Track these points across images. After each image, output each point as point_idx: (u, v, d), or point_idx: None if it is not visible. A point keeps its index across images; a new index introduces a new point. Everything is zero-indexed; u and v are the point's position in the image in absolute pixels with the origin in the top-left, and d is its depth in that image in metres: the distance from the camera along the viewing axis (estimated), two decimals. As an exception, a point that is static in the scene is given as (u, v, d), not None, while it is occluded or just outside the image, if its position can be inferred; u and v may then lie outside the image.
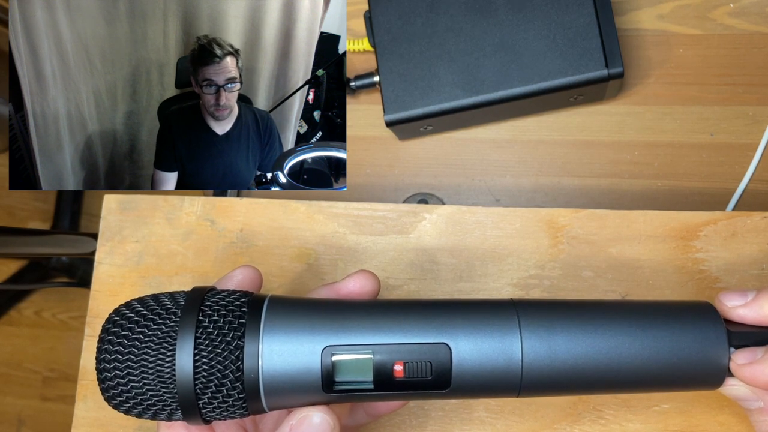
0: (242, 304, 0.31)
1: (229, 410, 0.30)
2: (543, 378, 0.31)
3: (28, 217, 1.35)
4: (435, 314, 0.32)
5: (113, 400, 0.30)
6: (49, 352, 1.30)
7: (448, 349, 0.31)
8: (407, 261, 0.45)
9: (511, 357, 0.31)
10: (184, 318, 0.30)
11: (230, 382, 0.30)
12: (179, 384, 0.29)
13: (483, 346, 0.31)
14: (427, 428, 0.43)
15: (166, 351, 0.29)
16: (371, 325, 0.31)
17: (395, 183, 0.55)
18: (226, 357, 0.30)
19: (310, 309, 0.32)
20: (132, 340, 0.30)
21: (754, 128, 0.52)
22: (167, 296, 0.32)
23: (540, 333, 0.31)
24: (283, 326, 0.31)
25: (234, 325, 0.30)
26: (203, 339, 0.30)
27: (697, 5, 0.53)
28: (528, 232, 0.45)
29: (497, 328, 0.31)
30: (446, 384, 0.31)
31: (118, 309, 0.31)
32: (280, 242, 0.46)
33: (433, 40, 0.50)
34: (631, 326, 0.32)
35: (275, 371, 0.30)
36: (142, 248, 0.47)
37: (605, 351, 0.31)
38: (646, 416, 0.41)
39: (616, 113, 0.54)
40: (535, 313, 0.32)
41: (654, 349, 0.32)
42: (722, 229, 0.43)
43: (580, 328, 0.32)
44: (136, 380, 0.30)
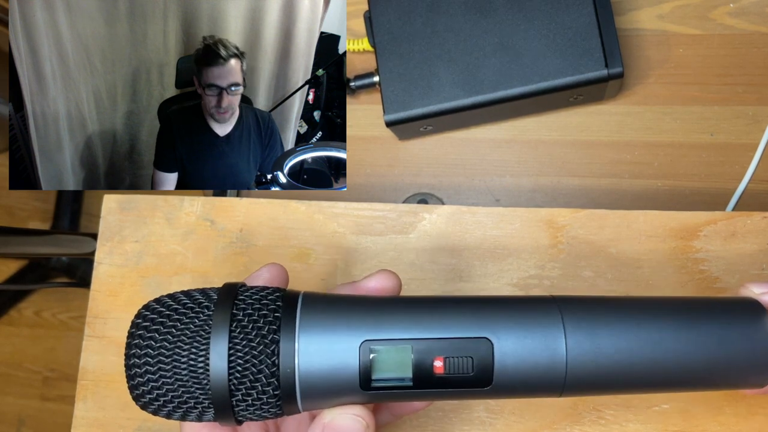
0: (276, 298, 0.30)
1: (262, 408, 0.29)
2: (587, 376, 0.30)
3: (28, 217, 1.35)
4: (475, 309, 0.31)
5: (142, 398, 0.29)
6: (49, 352, 1.30)
7: (490, 344, 0.29)
8: (407, 261, 0.45)
9: (555, 353, 0.29)
10: (217, 312, 0.29)
11: (265, 378, 0.28)
12: (213, 380, 0.28)
13: (526, 341, 0.29)
14: (428, 428, 0.42)
15: (199, 345, 0.28)
16: (410, 319, 0.30)
17: (395, 183, 0.55)
18: (262, 351, 0.28)
19: (345, 304, 0.31)
20: (164, 334, 0.29)
21: (754, 128, 0.52)
22: (198, 291, 0.31)
23: (584, 328, 0.30)
24: (319, 321, 0.30)
25: (269, 319, 0.29)
26: (238, 333, 0.28)
27: (697, 5, 0.53)
28: (528, 232, 0.45)
29: (540, 323, 0.30)
30: (488, 381, 0.30)
31: (148, 304, 0.30)
32: (280, 242, 0.46)
33: (433, 40, 0.50)
34: (676, 323, 0.31)
35: (312, 367, 0.29)
36: (142, 248, 0.47)
37: (651, 348, 0.30)
38: (646, 416, 0.41)
39: (616, 113, 0.54)
40: (578, 309, 0.31)
41: (701, 346, 0.30)
42: (722, 229, 0.43)
43: (625, 325, 0.30)
44: (168, 376, 0.28)
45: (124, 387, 0.30)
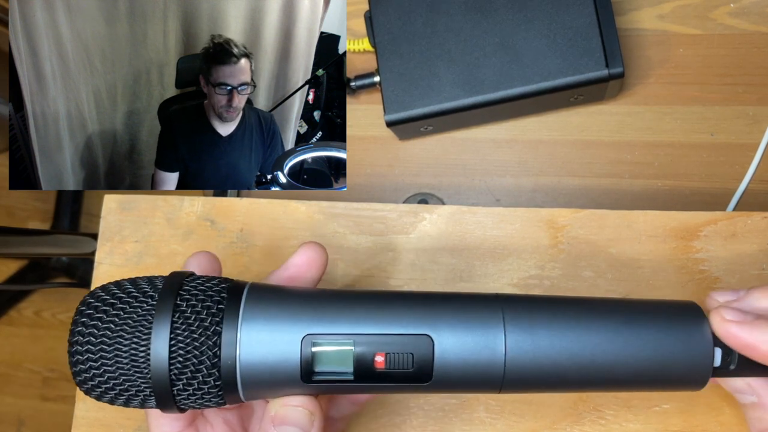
0: (221, 290, 0.30)
1: (204, 398, 0.30)
2: (525, 374, 0.31)
3: (28, 217, 1.35)
4: (418, 306, 0.31)
5: (84, 385, 0.29)
6: (49, 352, 1.30)
7: (431, 341, 0.30)
8: (407, 261, 0.45)
9: (494, 351, 0.30)
10: (161, 302, 0.29)
11: (206, 369, 0.29)
12: (153, 369, 0.28)
13: (466, 339, 0.30)
14: (428, 428, 0.42)
15: (141, 335, 0.29)
16: (353, 314, 0.31)
17: (395, 183, 0.55)
18: (203, 343, 0.29)
19: (290, 297, 0.31)
20: (106, 323, 0.29)
21: (754, 128, 0.52)
22: (145, 280, 0.31)
23: (524, 328, 0.31)
24: (263, 314, 0.30)
25: (212, 311, 0.29)
26: (180, 323, 0.29)
27: (697, 5, 0.53)
28: (528, 232, 0.45)
29: (481, 322, 0.31)
30: (428, 377, 0.30)
31: (93, 292, 0.30)
32: (280, 242, 0.46)
33: (433, 40, 0.50)
34: (615, 324, 0.31)
35: (253, 359, 0.29)
36: (142, 248, 0.47)
37: (588, 348, 0.31)
38: (646, 416, 0.41)
39: (616, 113, 0.54)
40: (519, 309, 0.31)
41: (638, 348, 0.31)
42: (722, 229, 0.43)
43: (564, 325, 0.31)
44: (109, 364, 0.29)
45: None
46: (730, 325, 0.31)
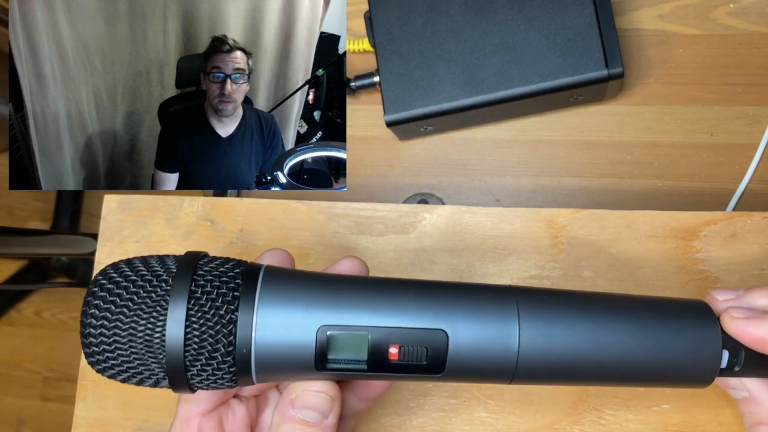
0: (236, 275, 0.30)
1: (217, 382, 0.30)
2: (537, 367, 0.31)
3: (28, 217, 1.35)
4: (434, 298, 0.31)
5: (98, 365, 0.30)
6: (49, 352, 1.30)
7: (446, 335, 0.30)
8: (407, 261, 0.45)
9: (508, 346, 0.30)
10: (175, 287, 0.29)
11: (221, 356, 0.29)
12: (168, 355, 0.28)
13: (481, 333, 0.30)
14: (428, 428, 0.43)
15: (156, 321, 0.29)
16: (369, 305, 0.31)
17: (395, 183, 0.56)
18: (219, 331, 0.29)
19: (307, 283, 0.31)
20: (120, 306, 0.29)
21: (754, 128, 0.52)
22: (156, 259, 0.31)
23: (538, 322, 0.31)
24: (279, 300, 0.30)
25: (228, 299, 0.29)
26: (195, 311, 0.29)
27: (697, 5, 0.53)
28: (528, 232, 0.45)
29: (496, 316, 0.31)
30: (440, 369, 0.31)
31: (105, 271, 0.30)
32: (280, 242, 0.46)
33: (433, 40, 0.50)
34: (628, 321, 0.32)
35: (268, 347, 0.29)
36: (142, 248, 0.47)
37: (600, 343, 0.31)
38: (646, 416, 0.41)
39: (616, 113, 0.54)
40: (534, 302, 0.32)
41: (650, 345, 0.32)
42: (722, 229, 0.43)
43: (578, 320, 0.31)
44: (123, 348, 0.29)
45: (124, 387, 0.31)
46: (741, 321, 0.32)
